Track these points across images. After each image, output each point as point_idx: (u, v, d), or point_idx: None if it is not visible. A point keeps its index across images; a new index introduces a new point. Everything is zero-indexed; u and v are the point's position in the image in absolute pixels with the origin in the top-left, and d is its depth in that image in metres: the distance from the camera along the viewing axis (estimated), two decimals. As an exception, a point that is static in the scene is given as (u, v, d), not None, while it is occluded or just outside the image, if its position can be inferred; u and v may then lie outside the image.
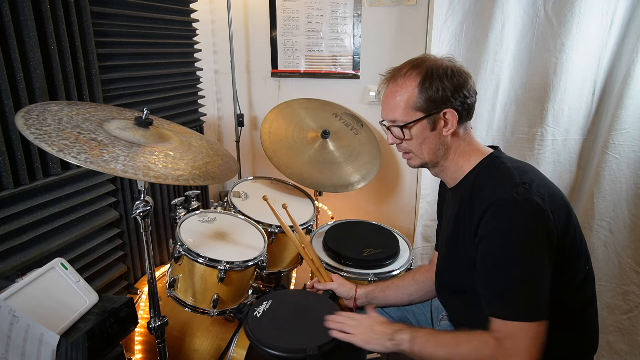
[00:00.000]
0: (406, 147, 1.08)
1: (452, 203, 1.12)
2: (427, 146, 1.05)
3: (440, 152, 1.06)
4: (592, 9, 1.61)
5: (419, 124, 1.03)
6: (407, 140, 1.06)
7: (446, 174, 1.11)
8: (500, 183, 0.95)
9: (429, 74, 1.00)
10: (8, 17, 1.13)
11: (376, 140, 2.06)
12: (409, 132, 1.04)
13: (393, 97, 1.04)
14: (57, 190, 1.34)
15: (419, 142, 1.05)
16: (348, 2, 2.01)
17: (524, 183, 0.92)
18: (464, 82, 1.01)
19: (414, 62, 1.04)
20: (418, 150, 1.06)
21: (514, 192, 0.91)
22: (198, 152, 1.20)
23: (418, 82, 1.00)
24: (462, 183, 1.06)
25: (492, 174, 1.00)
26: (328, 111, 2.08)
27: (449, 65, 1.01)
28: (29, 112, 0.97)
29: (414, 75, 1.01)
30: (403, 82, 1.02)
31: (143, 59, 1.71)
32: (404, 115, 1.03)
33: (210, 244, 1.43)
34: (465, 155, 1.06)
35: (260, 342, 1.06)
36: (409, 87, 1.01)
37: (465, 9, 1.73)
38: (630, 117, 1.63)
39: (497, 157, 1.04)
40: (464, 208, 1.02)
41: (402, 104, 1.02)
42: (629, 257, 1.76)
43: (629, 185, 1.71)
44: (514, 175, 0.95)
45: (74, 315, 1.01)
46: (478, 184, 1.01)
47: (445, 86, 0.99)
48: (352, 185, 1.88)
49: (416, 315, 1.30)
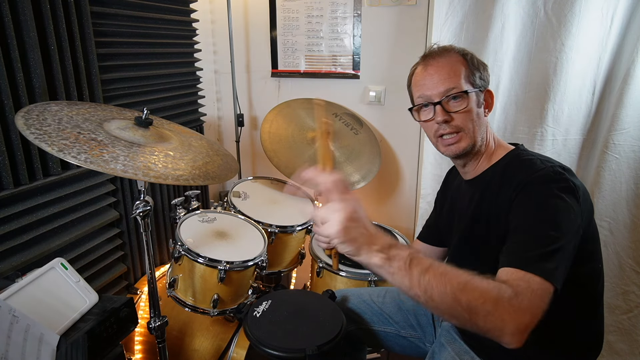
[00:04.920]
0: (459, 124, 1.04)
1: (469, 196, 1.11)
2: (479, 123, 1.05)
3: (483, 134, 1.07)
4: (592, 9, 1.61)
5: (474, 96, 1.04)
6: (463, 112, 1.03)
7: (473, 164, 1.11)
8: (537, 167, 0.95)
9: (468, 55, 1.05)
10: (8, 17, 1.13)
11: (376, 140, 2.06)
12: (467, 102, 1.03)
13: (449, 67, 1.04)
14: (57, 190, 1.34)
15: (474, 116, 1.04)
16: (348, 2, 2.01)
17: (562, 166, 0.94)
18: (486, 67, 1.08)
19: (444, 47, 1.08)
20: (471, 128, 1.04)
21: (551, 170, 0.92)
22: (198, 152, 1.20)
23: (465, 60, 1.04)
24: (486, 175, 1.07)
25: (524, 163, 1.00)
26: (328, 111, 2.08)
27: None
28: (29, 112, 0.97)
29: (456, 55, 1.05)
30: (450, 57, 1.05)
31: (143, 59, 1.71)
32: (464, 84, 1.03)
33: (210, 244, 1.43)
34: (493, 146, 1.09)
35: (260, 342, 1.06)
36: (458, 62, 1.04)
37: (465, 9, 1.73)
38: (630, 117, 1.63)
39: (522, 150, 1.06)
40: (489, 197, 1.02)
41: (461, 73, 1.03)
42: (629, 257, 1.76)
43: (629, 185, 1.71)
44: (550, 160, 0.97)
45: (74, 315, 1.01)
46: (508, 174, 1.00)
47: (480, 65, 1.05)
48: (352, 185, 1.88)
49: (417, 316, 1.30)
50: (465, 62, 1.04)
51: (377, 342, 1.31)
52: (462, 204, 1.14)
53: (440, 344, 1.14)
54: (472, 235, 1.08)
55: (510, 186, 0.95)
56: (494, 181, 1.03)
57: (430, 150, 1.93)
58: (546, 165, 0.95)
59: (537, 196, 0.90)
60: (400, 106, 2.07)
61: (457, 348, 1.10)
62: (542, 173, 0.93)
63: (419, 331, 1.27)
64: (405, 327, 1.28)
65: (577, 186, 0.91)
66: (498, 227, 0.96)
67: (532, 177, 0.93)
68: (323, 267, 1.58)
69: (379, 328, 1.28)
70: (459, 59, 1.04)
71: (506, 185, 0.97)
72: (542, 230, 0.86)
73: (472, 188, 1.10)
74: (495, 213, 0.98)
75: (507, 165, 1.04)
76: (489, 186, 1.03)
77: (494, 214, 0.99)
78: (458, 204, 1.18)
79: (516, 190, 0.93)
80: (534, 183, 0.92)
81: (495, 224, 0.98)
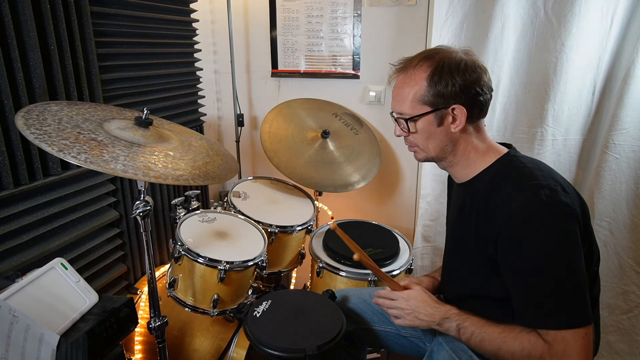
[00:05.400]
0: (412, 140, 1.06)
1: (459, 200, 1.10)
2: (434, 141, 1.02)
3: (447, 148, 1.03)
4: (592, 9, 1.61)
5: (425, 118, 1.00)
6: (412, 133, 1.03)
7: (455, 169, 1.07)
8: (523, 185, 0.91)
9: (439, 68, 0.96)
10: (8, 17, 1.13)
11: (376, 140, 2.06)
12: (414, 126, 1.02)
13: (402, 89, 1.01)
14: (57, 190, 1.34)
15: (425, 136, 1.02)
16: (348, 2, 2.01)
17: (549, 184, 0.89)
18: (477, 77, 0.97)
19: (427, 53, 1.01)
20: (424, 145, 1.04)
21: (542, 194, 0.87)
22: (198, 152, 1.20)
23: (427, 75, 0.97)
24: (475, 181, 1.03)
25: (512, 175, 0.96)
26: (328, 111, 2.08)
27: (462, 59, 0.97)
28: (29, 112, 0.97)
29: (424, 68, 0.98)
30: (413, 73, 1.00)
31: (143, 59, 1.71)
32: (410, 108, 1.00)
33: (210, 244, 1.43)
34: (478, 152, 1.03)
35: (260, 342, 1.06)
36: (418, 79, 0.98)
37: (465, 9, 1.73)
38: (630, 117, 1.63)
39: (514, 156, 1.01)
40: (476, 207, 0.99)
41: (410, 97, 1.00)
42: (629, 257, 1.76)
43: (629, 185, 1.71)
44: (536, 176, 0.92)
45: (74, 315, 1.01)
46: (496, 184, 0.97)
47: (455, 81, 0.95)
48: (352, 185, 1.88)
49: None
50: (427, 80, 0.97)
51: (377, 342, 1.31)
52: (455, 207, 1.15)
53: (439, 343, 1.14)
54: (461, 243, 1.08)
55: (500, 204, 0.92)
56: (478, 193, 1.00)
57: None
58: (534, 185, 0.89)
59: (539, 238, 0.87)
60: (400, 106, 2.07)
61: (454, 347, 1.09)
62: (532, 200, 0.87)
63: (419, 330, 1.27)
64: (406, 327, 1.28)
65: (571, 202, 0.88)
66: (486, 245, 0.96)
67: (522, 203, 0.88)
68: (323, 267, 1.58)
69: (379, 328, 1.28)
70: (421, 76, 0.98)
71: (494, 201, 0.94)
72: (555, 275, 0.86)
73: (463, 193, 1.08)
74: (483, 229, 0.97)
75: (493, 175, 1.00)
76: (475, 197, 1.01)
77: (482, 229, 0.97)
78: (456, 206, 1.18)
79: (507, 218, 0.90)
80: (532, 220, 0.87)
81: (483, 240, 0.97)
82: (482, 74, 0.98)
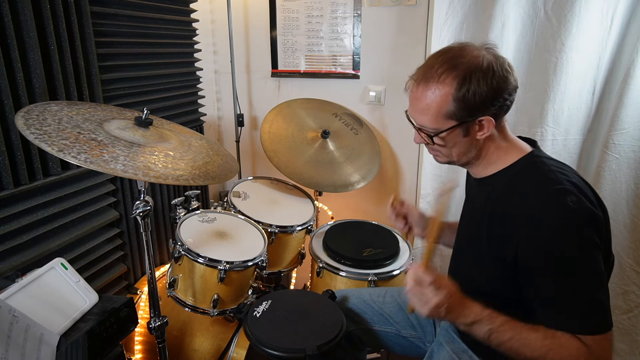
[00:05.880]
0: (435, 149, 1.01)
1: (474, 194, 1.08)
2: (458, 149, 0.98)
3: (471, 154, 0.99)
4: (592, 9, 1.61)
5: (451, 132, 0.94)
6: (437, 144, 0.98)
7: (475, 168, 1.04)
8: (549, 189, 0.88)
9: (467, 78, 0.88)
10: (8, 17, 1.13)
11: (376, 140, 2.06)
12: (439, 139, 0.96)
13: (423, 101, 0.93)
14: (57, 190, 1.34)
15: (450, 146, 0.97)
16: (348, 2, 2.01)
17: (574, 190, 0.86)
18: (505, 83, 0.90)
19: (451, 60, 0.91)
20: (447, 153, 1.00)
21: (568, 200, 0.84)
22: (198, 152, 1.20)
23: (454, 89, 0.89)
24: (494, 178, 1.00)
25: (535, 177, 0.92)
26: (328, 111, 2.08)
27: (490, 64, 0.89)
28: (29, 112, 0.97)
29: (450, 80, 0.89)
30: (436, 86, 0.91)
31: (143, 59, 1.71)
32: (434, 123, 0.93)
33: (210, 244, 1.43)
34: (500, 151, 0.98)
35: (260, 342, 1.07)
36: (442, 93, 0.90)
37: (465, 9, 1.73)
38: (630, 117, 1.63)
39: (537, 156, 0.96)
40: (492, 205, 0.97)
41: (433, 111, 0.92)
42: (629, 257, 1.76)
43: (629, 185, 1.71)
44: (561, 180, 0.88)
45: (74, 315, 1.01)
46: (517, 185, 0.93)
47: (483, 91, 0.88)
48: (352, 185, 1.88)
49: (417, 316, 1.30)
50: (453, 94, 0.89)
51: (378, 342, 1.31)
52: (471, 203, 1.12)
53: (439, 343, 1.14)
54: (475, 240, 1.06)
55: (521, 207, 0.89)
56: (497, 193, 0.97)
57: (430, 150, 1.94)
58: (559, 189, 0.86)
59: (570, 246, 0.84)
60: (400, 106, 2.07)
61: (455, 347, 1.10)
62: (559, 206, 0.84)
63: (419, 331, 1.27)
64: (406, 327, 1.28)
65: (595, 208, 0.86)
66: (502, 245, 0.93)
67: (548, 209, 0.85)
68: (323, 267, 1.58)
69: (379, 328, 1.28)
70: (446, 90, 0.90)
71: (514, 203, 0.91)
72: (588, 281, 0.85)
73: (479, 188, 1.06)
74: (501, 229, 0.94)
75: (515, 175, 0.96)
76: (493, 196, 0.98)
77: (500, 228, 0.94)
78: (471, 200, 1.15)
79: (529, 221, 0.87)
80: (560, 227, 0.84)
81: (499, 241, 0.94)
82: (509, 77, 0.91)
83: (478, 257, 1.04)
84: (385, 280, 1.52)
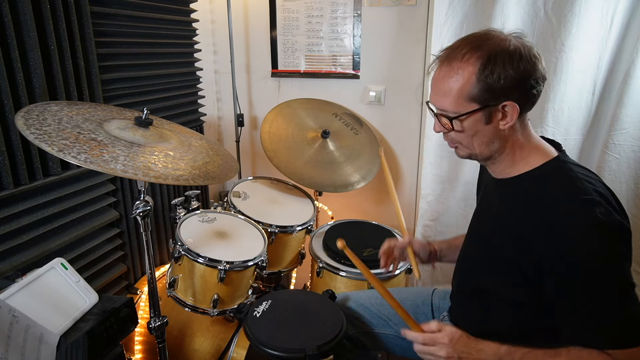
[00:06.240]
0: (454, 137, 0.95)
1: (495, 198, 1.02)
2: (479, 139, 0.92)
3: (494, 146, 0.93)
4: (592, 9, 1.61)
5: (473, 117, 0.89)
6: (456, 131, 0.93)
7: (497, 166, 0.98)
8: (577, 199, 0.83)
9: (492, 59, 0.84)
10: (8, 17, 1.13)
11: (376, 140, 2.06)
12: (459, 124, 0.91)
13: (445, 82, 0.89)
14: (57, 190, 1.34)
15: (470, 134, 0.92)
16: (348, 2, 2.01)
17: (602, 201, 0.83)
18: (532, 68, 0.85)
19: (475, 41, 0.88)
20: (468, 143, 0.94)
21: (598, 212, 0.80)
22: (198, 152, 1.20)
23: (477, 69, 0.85)
24: (516, 181, 0.95)
25: (561, 185, 0.88)
26: (328, 111, 2.08)
27: (517, 48, 0.85)
28: (29, 112, 0.97)
29: (474, 60, 0.85)
30: (459, 66, 0.87)
31: (143, 59, 1.71)
32: (455, 106, 0.89)
33: (210, 244, 1.43)
34: (524, 151, 0.94)
35: (260, 342, 1.07)
36: (465, 73, 0.86)
37: (465, 9, 1.73)
38: (630, 117, 1.63)
39: (564, 162, 0.92)
40: (514, 211, 0.93)
41: (455, 92, 0.88)
42: (629, 257, 1.76)
43: (629, 185, 1.71)
44: (589, 191, 0.84)
45: (74, 315, 1.01)
46: (541, 192, 0.89)
47: (508, 74, 0.84)
48: (352, 185, 1.88)
49: (416, 316, 1.30)
50: (477, 74, 0.86)
51: (378, 345, 1.30)
52: (488, 202, 1.08)
53: None
54: (488, 242, 1.03)
55: (544, 214, 0.86)
56: (518, 197, 0.93)
57: (430, 150, 1.94)
58: (587, 200, 0.82)
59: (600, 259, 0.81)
60: (400, 106, 2.07)
61: None
62: (587, 218, 0.81)
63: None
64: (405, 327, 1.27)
65: (623, 219, 0.83)
66: (517, 251, 0.91)
67: (575, 220, 0.82)
68: (323, 267, 1.58)
69: (379, 330, 1.28)
70: (469, 70, 0.86)
71: (537, 210, 0.88)
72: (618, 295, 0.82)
73: (500, 191, 1.01)
74: (518, 236, 0.91)
75: (538, 180, 0.92)
76: (513, 200, 0.94)
77: (517, 235, 0.91)
78: (487, 200, 1.12)
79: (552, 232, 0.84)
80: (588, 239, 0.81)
81: (515, 247, 0.92)
82: (537, 64, 0.86)
83: (488, 259, 1.01)
84: (385, 280, 1.52)
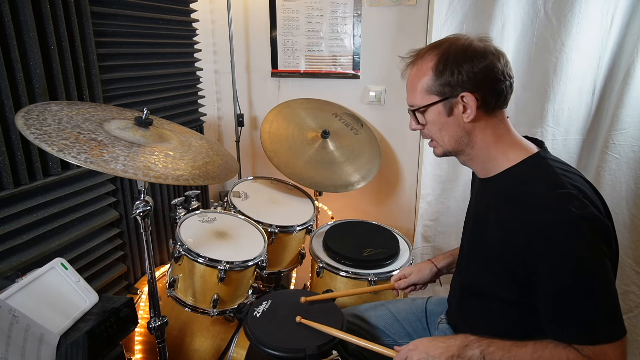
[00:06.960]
0: (427, 133, 1.04)
1: (479, 197, 1.08)
2: (447, 133, 1.00)
3: (463, 140, 0.99)
4: (592, 9, 1.61)
5: (434, 109, 0.98)
6: (423, 125, 1.02)
7: (476, 163, 1.03)
8: (551, 194, 0.86)
9: (445, 56, 0.94)
10: (8, 17, 1.13)
11: (376, 140, 2.06)
12: (423, 117, 1.01)
13: (411, 80, 1.01)
14: (57, 190, 1.34)
15: (437, 128, 1.00)
16: (348, 2, 2.01)
17: (578, 194, 0.84)
18: (488, 64, 0.92)
19: (436, 42, 1.00)
20: (438, 137, 1.02)
21: (572, 206, 0.82)
22: (198, 152, 1.20)
23: (433, 64, 0.96)
24: (497, 179, 0.99)
25: (538, 180, 0.91)
26: (328, 111, 2.08)
27: (470, 45, 0.94)
28: (29, 112, 0.97)
29: (431, 57, 0.97)
30: (421, 64, 0.99)
31: (143, 59, 1.71)
32: (419, 99, 0.99)
33: (210, 244, 1.43)
34: (499, 147, 0.97)
35: (260, 342, 1.07)
36: (425, 69, 0.97)
37: (465, 9, 1.73)
38: (630, 117, 1.63)
39: (543, 158, 0.95)
40: (498, 210, 0.96)
41: (418, 88, 0.99)
42: (629, 257, 1.76)
43: (629, 185, 1.71)
44: (564, 185, 0.86)
45: (74, 315, 1.01)
46: (520, 187, 0.92)
47: (462, 69, 0.92)
48: (352, 185, 1.88)
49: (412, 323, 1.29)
50: (433, 69, 0.96)
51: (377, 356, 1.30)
52: (475, 204, 1.12)
53: None
54: (475, 241, 1.06)
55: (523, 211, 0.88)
56: (499, 194, 0.96)
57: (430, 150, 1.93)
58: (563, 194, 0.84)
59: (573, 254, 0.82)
60: (400, 106, 2.07)
61: None
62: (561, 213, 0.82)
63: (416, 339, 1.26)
64: (402, 336, 1.26)
65: (600, 214, 0.84)
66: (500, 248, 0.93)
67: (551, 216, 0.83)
68: (323, 267, 1.58)
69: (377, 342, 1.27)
70: (427, 65, 0.97)
71: (517, 206, 0.90)
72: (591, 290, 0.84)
73: (485, 191, 1.04)
74: (500, 233, 0.93)
75: (518, 176, 0.95)
76: (495, 198, 0.97)
77: (499, 232, 0.94)
78: (475, 199, 1.15)
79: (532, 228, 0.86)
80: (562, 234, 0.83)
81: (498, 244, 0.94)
82: (494, 60, 0.93)
83: (480, 259, 1.03)
84: (385, 280, 1.52)
